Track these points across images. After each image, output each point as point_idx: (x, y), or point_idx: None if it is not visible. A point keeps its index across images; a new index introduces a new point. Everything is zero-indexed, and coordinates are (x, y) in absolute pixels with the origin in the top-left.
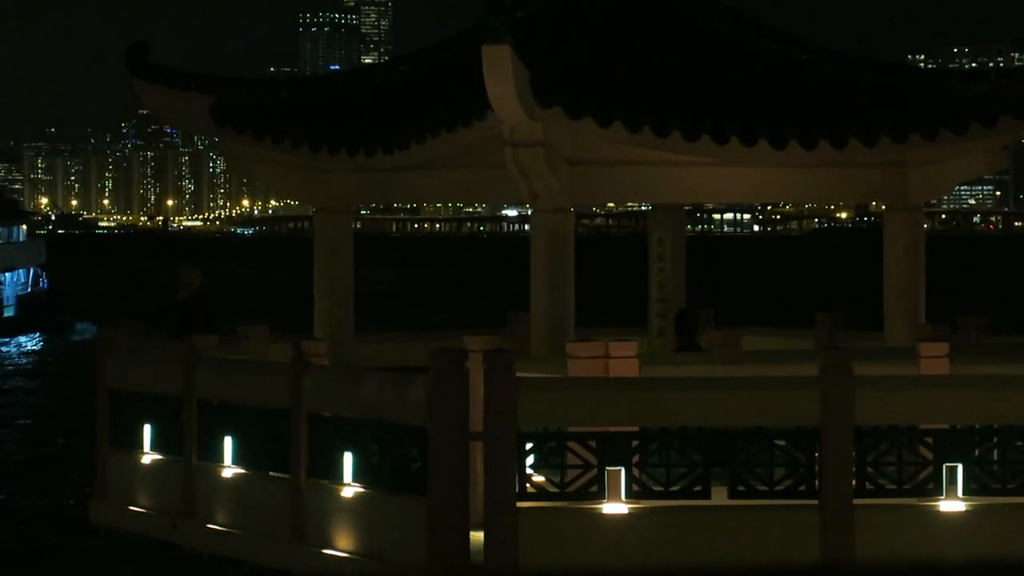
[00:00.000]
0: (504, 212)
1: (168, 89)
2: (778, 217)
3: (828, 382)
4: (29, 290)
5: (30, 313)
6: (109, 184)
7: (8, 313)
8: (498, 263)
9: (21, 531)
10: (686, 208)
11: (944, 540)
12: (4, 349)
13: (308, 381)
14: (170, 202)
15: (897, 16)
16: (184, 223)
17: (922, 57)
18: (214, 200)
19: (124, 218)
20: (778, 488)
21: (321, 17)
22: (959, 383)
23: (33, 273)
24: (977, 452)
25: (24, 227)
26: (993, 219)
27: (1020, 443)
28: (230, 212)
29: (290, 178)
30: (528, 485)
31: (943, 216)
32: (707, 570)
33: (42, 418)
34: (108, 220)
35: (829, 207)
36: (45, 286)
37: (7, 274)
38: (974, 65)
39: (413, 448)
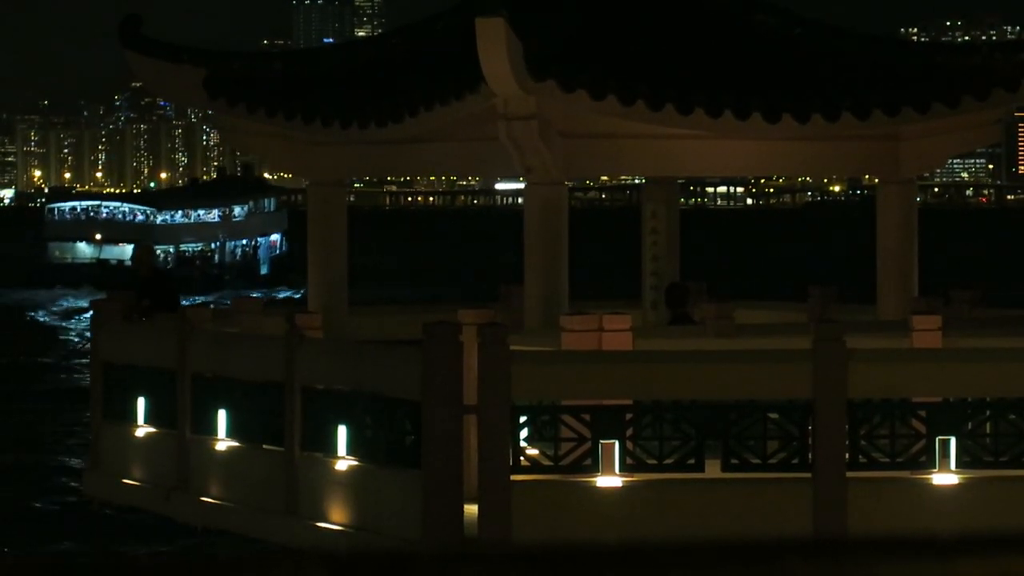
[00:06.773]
0: (497, 185)
1: (161, 62)
2: (771, 190)
3: (821, 355)
4: (277, 252)
5: (278, 271)
6: (102, 157)
7: (263, 271)
8: (492, 236)
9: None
10: (679, 181)
11: (937, 513)
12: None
13: (302, 354)
14: (163, 175)
15: None
16: None
17: (915, 30)
18: (207, 173)
19: (118, 190)
20: (771, 461)
21: None
22: (952, 356)
23: (280, 238)
24: (970, 425)
25: (274, 199)
26: (986, 192)
27: (1013, 416)
28: None
29: (283, 151)
30: (522, 458)
31: (936, 189)
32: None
33: None
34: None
35: (822, 180)
36: (286, 249)
37: (261, 238)
38: (967, 38)
39: (407, 421)
